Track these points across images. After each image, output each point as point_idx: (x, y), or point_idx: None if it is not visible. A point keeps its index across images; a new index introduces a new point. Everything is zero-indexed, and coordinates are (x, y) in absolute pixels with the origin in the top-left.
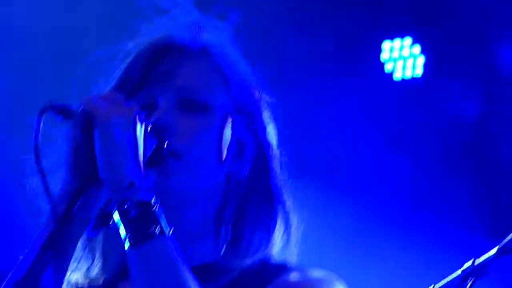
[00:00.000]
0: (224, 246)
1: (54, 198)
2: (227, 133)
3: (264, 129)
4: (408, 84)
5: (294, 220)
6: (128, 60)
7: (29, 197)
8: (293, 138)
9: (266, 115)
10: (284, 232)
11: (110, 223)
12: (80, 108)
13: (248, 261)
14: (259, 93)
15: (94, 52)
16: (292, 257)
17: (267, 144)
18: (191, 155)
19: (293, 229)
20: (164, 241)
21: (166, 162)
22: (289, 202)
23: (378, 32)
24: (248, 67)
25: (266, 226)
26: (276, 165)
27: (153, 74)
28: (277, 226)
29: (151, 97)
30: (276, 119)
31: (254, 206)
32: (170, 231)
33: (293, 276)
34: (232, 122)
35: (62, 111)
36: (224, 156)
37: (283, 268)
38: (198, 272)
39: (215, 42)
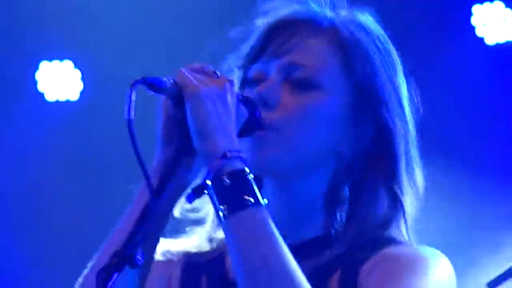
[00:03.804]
0: (337, 223)
1: (148, 171)
2: (336, 114)
3: (388, 111)
4: (502, 48)
5: (412, 204)
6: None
7: None
8: None
9: (394, 97)
10: (399, 214)
11: (205, 193)
12: (170, 81)
13: (359, 239)
14: (390, 77)
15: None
16: (406, 237)
17: (389, 130)
18: (289, 131)
19: (409, 213)
20: (259, 211)
21: (262, 136)
22: (407, 185)
23: None
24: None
25: (382, 207)
26: (400, 150)
27: (271, 47)
28: (392, 208)
29: (264, 69)
30: None
31: (371, 187)
32: (265, 201)
33: (398, 249)
34: (348, 104)
35: (153, 84)
36: (326, 136)
37: (391, 241)
38: (308, 246)
39: (348, 22)
